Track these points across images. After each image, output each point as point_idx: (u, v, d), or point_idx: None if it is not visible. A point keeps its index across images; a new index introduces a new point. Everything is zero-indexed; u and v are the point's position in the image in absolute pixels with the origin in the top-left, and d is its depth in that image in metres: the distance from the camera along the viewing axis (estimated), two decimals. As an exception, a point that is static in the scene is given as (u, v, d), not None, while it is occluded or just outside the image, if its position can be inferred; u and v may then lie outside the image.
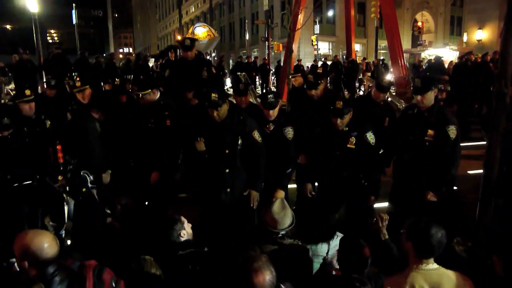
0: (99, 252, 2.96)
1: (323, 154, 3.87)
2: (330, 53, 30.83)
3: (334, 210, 3.96)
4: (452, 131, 3.59)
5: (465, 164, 6.15)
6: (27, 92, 4.15)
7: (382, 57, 22.74)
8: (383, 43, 23.71)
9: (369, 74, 12.12)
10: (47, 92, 6.37)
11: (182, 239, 2.66)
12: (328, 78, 16.29)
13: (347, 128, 3.73)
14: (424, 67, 15.16)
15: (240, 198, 3.71)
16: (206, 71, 5.36)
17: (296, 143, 4.06)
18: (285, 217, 2.78)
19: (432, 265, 2.23)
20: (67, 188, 4.16)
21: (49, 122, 4.31)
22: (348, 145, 3.70)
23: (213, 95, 3.48)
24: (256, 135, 3.65)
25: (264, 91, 15.96)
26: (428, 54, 20.41)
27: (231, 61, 34.69)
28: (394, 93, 11.84)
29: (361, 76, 14.89)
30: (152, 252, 2.57)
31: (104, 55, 19.95)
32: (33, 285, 1.96)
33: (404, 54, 14.61)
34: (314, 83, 4.55)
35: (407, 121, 3.93)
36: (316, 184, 4.12)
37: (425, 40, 27.92)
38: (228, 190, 3.67)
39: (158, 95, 4.30)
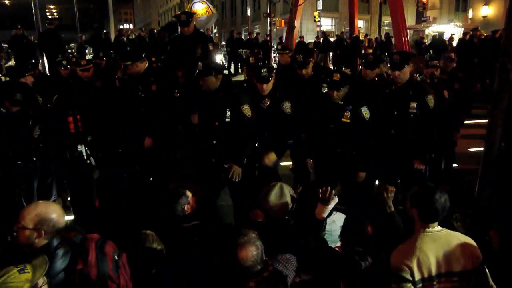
0: (101, 226, 3.00)
1: (319, 128, 3.93)
2: (333, 30, 30.36)
3: (329, 185, 3.98)
4: (430, 100, 3.80)
5: (466, 142, 6.18)
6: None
7: (388, 33, 22.44)
8: (386, 19, 23.29)
9: (370, 50, 11.92)
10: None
11: (187, 212, 2.69)
12: (331, 54, 16.10)
13: (342, 102, 3.78)
14: (427, 43, 14.99)
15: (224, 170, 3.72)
16: (201, 48, 5.29)
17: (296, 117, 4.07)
18: (283, 203, 2.71)
19: (438, 227, 2.33)
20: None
21: (41, 100, 4.34)
22: (343, 119, 3.77)
23: (199, 64, 3.62)
24: (246, 109, 3.66)
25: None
26: (432, 30, 20.10)
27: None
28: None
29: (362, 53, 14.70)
30: (155, 225, 2.60)
31: (104, 31, 19.67)
32: (36, 257, 1.99)
33: (408, 31, 14.40)
34: (304, 62, 4.52)
35: (388, 98, 4.03)
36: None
37: (429, 17, 27.42)
38: (213, 160, 3.74)
39: (145, 66, 4.44)
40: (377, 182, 4.34)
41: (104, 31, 19.94)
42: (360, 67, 5.40)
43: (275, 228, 2.58)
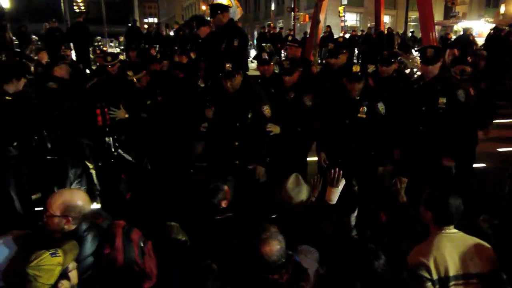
0: (128, 216, 3.07)
1: (334, 123, 3.91)
2: (358, 25, 29.94)
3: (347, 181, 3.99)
4: (461, 95, 3.69)
5: (494, 142, 6.03)
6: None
7: (411, 30, 21.94)
8: (413, 14, 22.80)
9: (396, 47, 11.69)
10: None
11: (222, 207, 2.73)
12: (356, 50, 15.86)
13: (359, 97, 3.75)
14: (452, 40, 14.61)
15: (248, 171, 3.75)
16: (226, 43, 5.26)
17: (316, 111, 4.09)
18: (299, 193, 2.78)
19: (453, 229, 2.32)
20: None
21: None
22: (359, 115, 3.74)
23: (227, 65, 3.51)
24: (267, 109, 3.67)
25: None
26: (462, 26, 19.54)
27: (255, 32, 34.21)
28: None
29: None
30: (183, 217, 2.65)
31: (129, 25, 19.97)
32: (66, 241, 2.06)
33: (436, 27, 14.05)
34: (335, 52, 4.48)
35: (416, 94, 3.93)
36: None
37: (458, 12, 26.65)
38: (237, 162, 3.75)
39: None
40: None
41: (129, 24, 20.18)
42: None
43: (292, 219, 2.60)
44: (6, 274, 2.14)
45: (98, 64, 5.53)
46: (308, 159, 4.57)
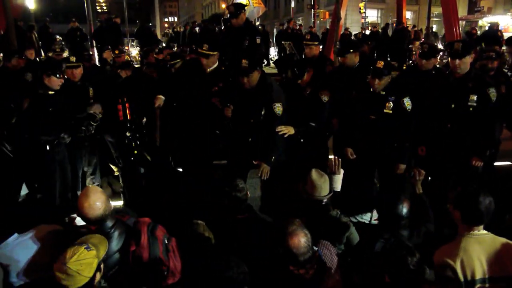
0: (150, 212, 3.13)
1: (359, 118, 3.87)
2: (379, 21, 29.49)
3: (368, 177, 4.00)
4: (493, 94, 3.60)
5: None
6: (72, 58, 4.46)
7: (432, 26, 21.47)
8: (436, 10, 22.32)
9: (418, 43, 11.32)
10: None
11: (243, 205, 2.75)
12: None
13: (384, 93, 3.71)
14: (478, 35, 14.21)
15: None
16: (248, 41, 5.29)
17: (331, 107, 4.09)
18: (325, 183, 2.79)
19: (483, 231, 2.26)
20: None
21: (91, 89, 4.54)
22: (385, 110, 3.70)
23: (243, 61, 3.55)
24: (278, 107, 3.66)
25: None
26: (486, 21, 19.04)
27: (275, 30, 34.20)
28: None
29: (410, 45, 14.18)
30: (207, 215, 2.67)
31: (150, 24, 20.23)
32: (93, 236, 2.12)
33: (460, 22, 13.72)
34: (341, 50, 4.46)
35: (445, 90, 3.84)
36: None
37: (483, 7, 25.98)
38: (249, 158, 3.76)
39: None
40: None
41: (150, 23, 20.44)
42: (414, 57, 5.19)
43: (314, 212, 2.60)
44: (27, 272, 2.22)
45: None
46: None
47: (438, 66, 4.91)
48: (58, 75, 3.78)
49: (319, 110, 3.98)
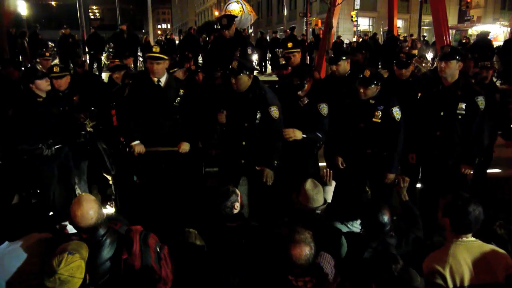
0: (143, 220, 3.11)
1: (348, 126, 3.90)
2: (370, 29, 29.81)
3: (359, 186, 4.02)
4: (481, 102, 3.66)
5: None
6: (55, 69, 4.44)
7: (424, 34, 21.76)
8: (427, 18, 22.62)
9: (415, 51, 11.36)
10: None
11: (235, 211, 2.72)
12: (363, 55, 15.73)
13: (373, 102, 3.74)
14: (470, 43, 14.39)
15: (254, 172, 3.76)
16: (240, 51, 5.34)
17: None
18: (318, 195, 2.80)
19: (471, 238, 2.29)
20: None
21: (76, 97, 4.57)
22: (373, 119, 3.73)
23: (234, 63, 3.58)
24: (274, 110, 3.65)
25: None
26: (476, 30, 19.33)
27: (268, 37, 34.49)
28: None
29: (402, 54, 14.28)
30: (199, 223, 2.66)
31: (143, 31, 20.26)
32: (69, 243, 2.13)
33: (450, 31, 13.91)
34: (334, 58, 4.47)
35: (434, 98, 3.88)
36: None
37: (473, 16, 26.36)
38: (243, 161, 3.77)
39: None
40: (418, 185, 4.26)
41: (143, 30, 20.45)
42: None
43: (305, 222, 2.61)
44: (17, 281, 2.21)
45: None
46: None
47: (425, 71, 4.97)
48: (41, 78, 3.82)
49: (321, 122, 3.95)
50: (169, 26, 69.57)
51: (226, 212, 2.69)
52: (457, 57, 3.67)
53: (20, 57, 13.17)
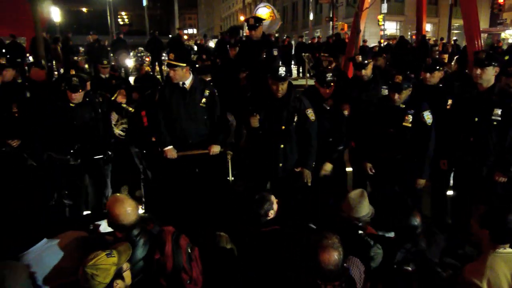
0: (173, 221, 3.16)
1: (377, 131, 3.84)
2: (398, 34, 29.37)
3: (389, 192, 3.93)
4: None
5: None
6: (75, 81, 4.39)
7: (455, 38, 21.27)
8: (456, 22, 22.14)
9: (445, 56, 11.09)
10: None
11: (268, 218, 2.73)
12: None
13: (404, 106, 3.68)
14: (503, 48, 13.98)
15: (292, 174, 3.81)
16: (266, 53, 5.37)
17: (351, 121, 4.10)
18: (361, 205, 2.76)
19: (509, 249, 2.23)
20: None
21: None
22: (403, 123, 3.67)
23: (280, 69, 3.59)
24: (310, 113, 3.72)
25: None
26: (509, 34, 18.75)
27: (293, 42, 34.51)
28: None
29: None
30: (228, 226, 2.68)
31: (170, 36, 20.67)
32: (120, 243, 2.16)
33: (482, 34, 13.55)
34: (362, 63, 4.41)
35: (468, 103, 3.78)
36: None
37: (506, 19, 25.59)
38: (281, 165, 3.78)
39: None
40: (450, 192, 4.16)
41: (170, 35, 20.85)
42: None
43: (347, 231, 2.59)
44: (53, 277, 2.28)
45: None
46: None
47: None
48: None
49: (340, 125, 3.99)
50: (195, 31, 70.53)
51: (261, 218, 2.69)
52: (493, 63, 3.57)
53: (54, 62, 13.64)
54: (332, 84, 3.94)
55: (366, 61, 4.37)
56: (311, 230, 2.89)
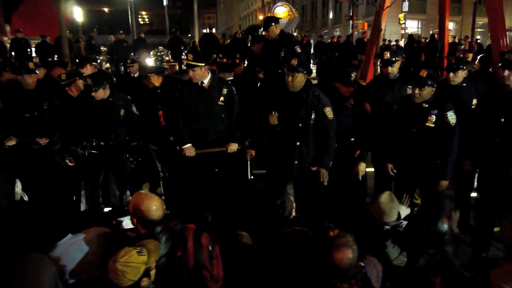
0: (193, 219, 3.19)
1: (399, 131, 3.78)
2: (419, 32, 28.85)
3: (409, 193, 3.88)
4: None
5: None
6: (63, 76, 4.38)
7: (478, 37, 20.78)
8: (480, 20, 21.61)
9: (470, 55, 10.80)
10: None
11: (288, 218, 2.72)
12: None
13: (427, 105, 3.61)
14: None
15: (308, 172, 3.76)
16: (287, 50, 5.36)
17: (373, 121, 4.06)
18: (393, 210, 2.74)
19: None
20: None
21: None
22: (426, 124, 3.59)
23: (293, 60, 3.60)
24: (329, 111, 3.68)
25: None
26: (536, 32, 18.18)
27: (312, 41, 34.28)
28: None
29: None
30: (248, 225, 2.69)
31: (189, 35, 20.83)
32: (151, 241, 2.19)
33: (508, 33, 13.18)
34: (390, 60, 4.32)
35: (494, 103, 3.68)
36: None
37: (532, 17, 24.82)
38: (296, 162, 3.76)
39: None
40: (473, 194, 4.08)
41: (190, 34, 20.99)
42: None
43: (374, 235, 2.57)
44: (78, 272, 2.33)
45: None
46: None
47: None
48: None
49: (362, 124, 3.95)
50: (214, 30, 70.81)
51: (282, 219, 2.68)
52: None
53: (77, 61, 13.91)
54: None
55: (394, 59, 4.31)
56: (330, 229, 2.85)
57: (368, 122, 4.05)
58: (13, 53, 12.08)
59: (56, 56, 12.00)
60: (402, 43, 17.89)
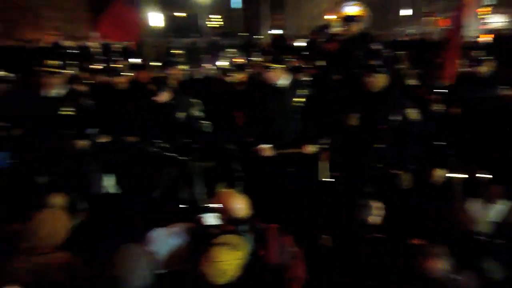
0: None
1: (490, 131, 3.67)
2: (503, 28, 26.61)
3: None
4: None
5: None
6: None
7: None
8: None
9: None
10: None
11: (369, 223, 2.71)
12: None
13: None
14: None
15: (389, 175, 3.64)
16: (363, 49, 5.21)
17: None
18: (483, 217, 2.62)
19: None
20: None
21: None
22: None
23: (371, 62, 3.56)
24: (411, 113, 3.57)
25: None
26: None
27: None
28: None
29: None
30: (333, 229, 2.69)
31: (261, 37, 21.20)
32: (237, 238, 2.27)
33: None
34: (477, 59, 4.09)
35: None
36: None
37: None
38: (378, 165, 3.65)
39: None
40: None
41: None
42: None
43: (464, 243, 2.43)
44: (168, 263, 2.46)
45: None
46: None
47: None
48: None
49: (448, 128, 3.76)
50: (282, 32, 71.09)
51: (364, 225, 2.66)
52: None
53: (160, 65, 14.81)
54: None
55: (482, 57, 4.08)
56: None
57: (453, 124, 3.84)
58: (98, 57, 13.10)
59: (140, 60, 12.81)
60: (485, 39, 16.58)
